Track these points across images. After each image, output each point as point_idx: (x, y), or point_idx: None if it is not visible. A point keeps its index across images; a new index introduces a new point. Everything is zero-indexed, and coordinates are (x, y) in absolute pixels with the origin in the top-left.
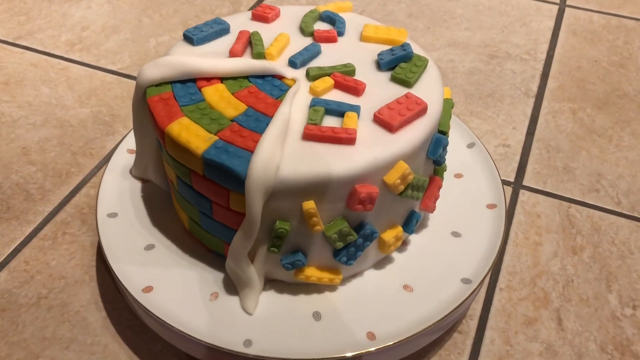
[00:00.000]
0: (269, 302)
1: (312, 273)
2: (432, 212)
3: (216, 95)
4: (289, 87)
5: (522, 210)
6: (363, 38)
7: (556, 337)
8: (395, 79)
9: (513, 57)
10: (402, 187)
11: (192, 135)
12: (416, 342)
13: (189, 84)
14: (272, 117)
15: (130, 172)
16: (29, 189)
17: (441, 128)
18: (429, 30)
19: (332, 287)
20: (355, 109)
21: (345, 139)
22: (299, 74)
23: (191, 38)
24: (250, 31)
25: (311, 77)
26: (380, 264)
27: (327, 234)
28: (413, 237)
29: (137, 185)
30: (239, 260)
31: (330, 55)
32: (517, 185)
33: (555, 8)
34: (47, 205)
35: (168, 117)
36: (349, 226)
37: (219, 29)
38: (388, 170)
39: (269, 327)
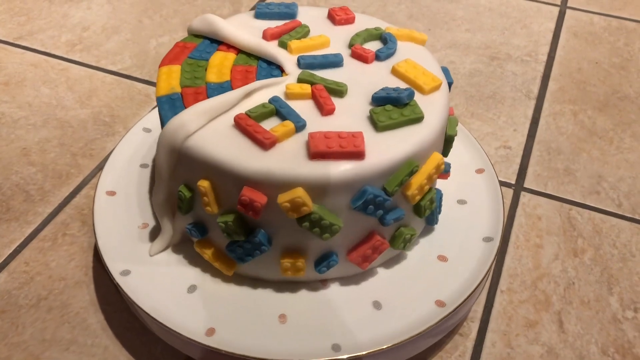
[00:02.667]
0: (178, 260)
1: (207, 251)
2: (362, 269)
3: (219, 60)
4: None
5: (523, 212)
6: (393, 70)
7: (557, 340)
8: (370, 116)
9: (514, 58)
10: (293, 215)
11: (167, 80)
12: (416, 345)
13: (214, 44)
14: None
15: None
16: (28, 190)
17: (385, 185)
18: (430, 32)
19: (225, 276)
20: (300, 122)
21: (260, 140)
22: (296, 72)
23: (255, 11)
24: (304, 23)
25: (299, 79)
26: (288, 286)
27: (217, 221)
28: (335, 284)
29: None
30: (156, 206)
31: (345, 72)
32: (518, 187)
33: (556, 10)
34: (47, 206)
35: (169, 60)
36: (236, 224)
37: (284, 12)
38: (284, 190)
39: (146, 284)
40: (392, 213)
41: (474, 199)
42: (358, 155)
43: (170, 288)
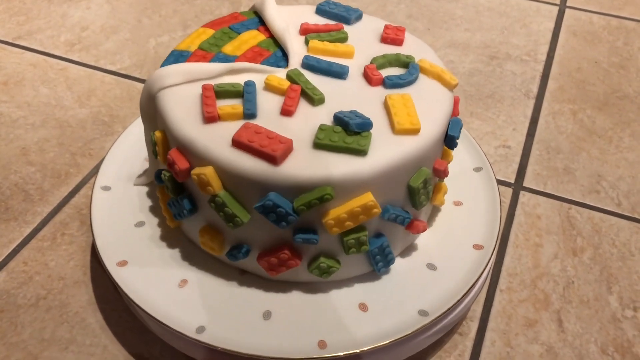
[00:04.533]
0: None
1: (162, 198)
2: (270, 276)
3: (247, 37)
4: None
5: (522, 211)
6: (385, 102)
7: (557, 339)
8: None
9: (513, 58)
10: (201, 190)
11: (193, 39)
12: (415, 344)
13: (259, 23)
14: None
15: None
16: (27, 190)
17: (294, 201)
18: (429, 31)
19: (166, 228)
20: (250, 110)
21: (205, 112)
22: (296, 68)
23: (316, 7)
24: (346, 30)
25: (287, 75)
26: (214, 263)
27: (162, 171)
28: (250, 279)
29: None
30: (145, 143)
31: (342, 85)
32: (517, 186)
33: (556, 9)
34: (46, 206)
35: (212, 24)
36: (170, 180)
37: (341, 14)
38: (202, 165)
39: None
40: (303, 233)
41: (445, 268)
42: (272, 159)
43: (122, 220)
